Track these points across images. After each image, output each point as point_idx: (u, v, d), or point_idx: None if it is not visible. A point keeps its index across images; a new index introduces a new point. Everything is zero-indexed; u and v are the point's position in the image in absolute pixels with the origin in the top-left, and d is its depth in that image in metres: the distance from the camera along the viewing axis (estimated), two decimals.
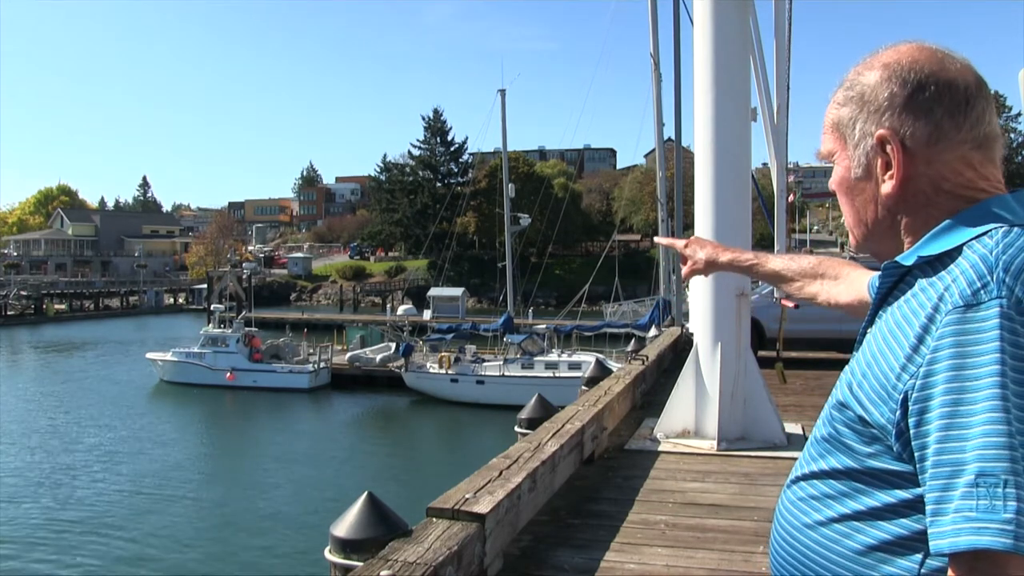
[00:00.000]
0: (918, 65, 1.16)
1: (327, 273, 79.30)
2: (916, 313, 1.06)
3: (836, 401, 1.17)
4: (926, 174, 1.15)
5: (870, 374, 1.10)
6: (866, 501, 1.11)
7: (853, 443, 1.13)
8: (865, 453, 1.11)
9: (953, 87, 1.14)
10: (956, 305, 1.01)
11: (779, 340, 8.61)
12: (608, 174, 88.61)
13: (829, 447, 1.17)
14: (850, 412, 1.13)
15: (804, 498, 1.21)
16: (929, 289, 1.07)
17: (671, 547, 3.63)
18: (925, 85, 1.14)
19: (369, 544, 2.59)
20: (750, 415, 5.66)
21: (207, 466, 21.29)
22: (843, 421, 1.15)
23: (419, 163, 78.44)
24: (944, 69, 1.15)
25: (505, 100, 34.51)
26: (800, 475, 1.24)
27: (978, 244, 1.07)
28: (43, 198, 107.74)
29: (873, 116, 1.17)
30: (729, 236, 5.73)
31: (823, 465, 1.18)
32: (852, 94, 1.21)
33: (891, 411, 1.05)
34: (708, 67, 5.65)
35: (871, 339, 1.16)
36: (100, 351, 44.13)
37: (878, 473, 1.10)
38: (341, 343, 36.56)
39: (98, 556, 14.41)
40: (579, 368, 25.14)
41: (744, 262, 1.74)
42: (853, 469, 1.13)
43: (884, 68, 1.18)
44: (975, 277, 1.02)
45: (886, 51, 1.20)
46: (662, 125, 19.61)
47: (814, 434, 1.25)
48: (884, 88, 1.17)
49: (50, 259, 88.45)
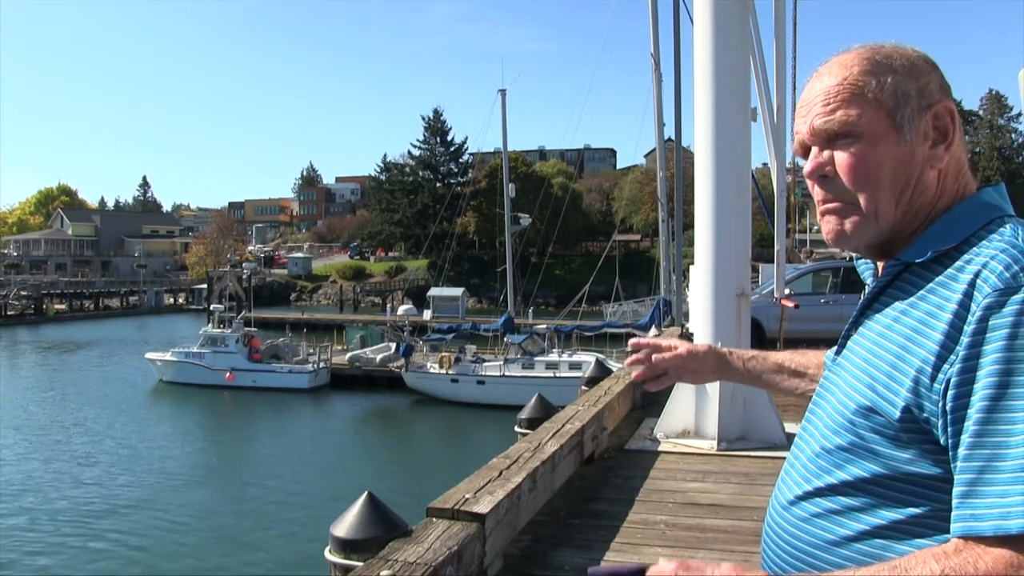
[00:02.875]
0: (927, 56, 1.20)
1: (327, 273, 79.30)
2: (944, 305, 1.04)
3: (858, 407, 1.11)
4: (955, 156, 1.17)
5: (898, 374, 1.06)
6: (900, 510, 1.06)
7: (882, 448, 1.08)
8: (898, 458, 1.06)
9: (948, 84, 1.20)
10: (996, 288, 1.00)
11: (779, 340, 8.62)
12: (608, 174, 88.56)
13: (850, 456, 1.11)
14: (879, 416, 1.08)
15: (820, 514, 1.14)
16: (952, 281, 1.06)
17: (671, 547, 3.63)
18: (941, 75, 1.18)
19: (369, 544, 2.59)
20: (750, 415, 5.66)
21: (206, 466, 21.28)
22: (870, 427, 1.09)
23: (419, 163, 78.44)
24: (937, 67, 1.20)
25: (505, 100, 34.57)
26: (807, 491, 1.16)
27: (992, 234, 1.08)
28: (43, 198, 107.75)
29: (928, 89, 1.16)
30: (729, 236, 5.74)
31: (843, 476, 1.12)
32: (895, 65, 1.16)
33: (933, 403, 1.02)
34: (708, 67, 5.65)
35: (878, 339, 1.13)
36: (100, 351, 44.12)
37: (911, 478, 1.05)
38: (341, 343, 36.55)
39: (97, 556, 14.41)
40: (579, 368, 25.14)
41: (746, 355, 1.66)
42: (882, 476, 1.08)
43: (910, 51, 1.19)
44: (1010, 261, 1.02)
45: (881, 45, 1.20)
46: (662, 125, 19.63)
47: (810, 448, 1.19)
48: (925, 67, 1.17)
49: (50, 259, 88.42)
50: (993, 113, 71.29)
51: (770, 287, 10.46)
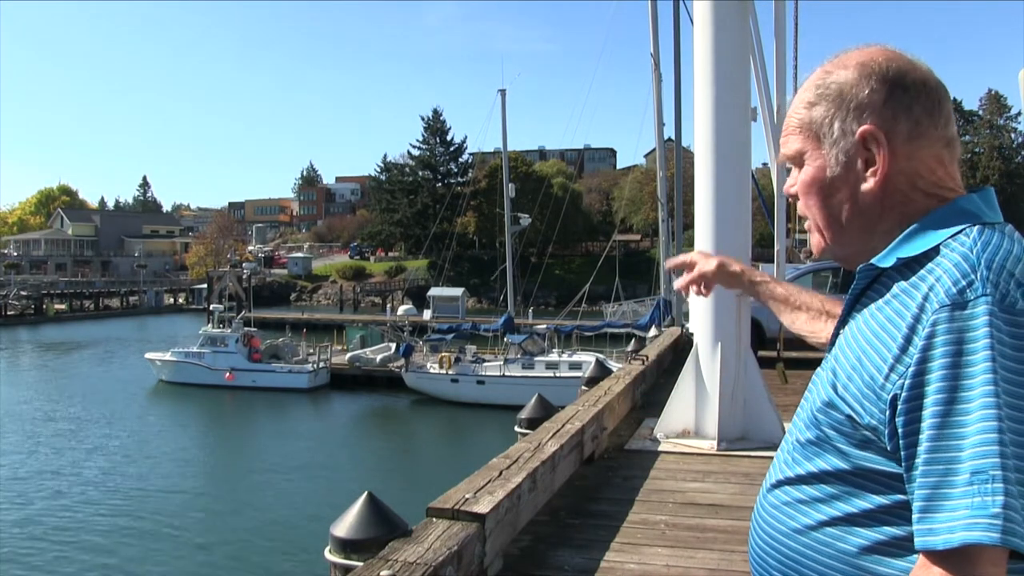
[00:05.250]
0: (894, 64, 1.17)
1: (327, 273, 79.31)
2: (900, 314, 1.06)
3: (821, 403, 1.15)
4: (904, 171, 1.16)
5: (855, 376, 1.09)
6: (859, 503, 1.10)
7: (842, 445, 1.12)
8: (857, 455, 1.10)
9: (928, 86, 1.17)
10: (943, 304, 1.01)
11: (779, 340, 8.62)
12: (608, 174, 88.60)
13: (817, 450, 1.15)
14: (836, 413, 1.12)
15: (789, 502, 1.19)
16: (912, 290, 1.07)
17: (671, 547, 3.63)
18: (904, 83, 1.16)
19: (369, 544, 2.59)
20: (750, 415, 5.66)
21: (206, 466, 21.30)
22: (830, 423, 1.13)
23: (419, 163, 78.47)
24: (916, 68, 1.18)
25: (505, 100, 34.58)
26: (781, 479, 1.21)
27: (955, 243, 1.07)
28: (43, 198, 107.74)
29: (853, 113, 1.17)
30: (729, 236, 5.74)
31: (810, 468, 1.16)
32: (827, 92, 1.19)
33: (880, 411, 1.05)
34: (708, 67, 5.65)
35: (850, 339, 1.15)
36: (100, 351, 44.14)
37: (871, 474, 1.09)
38: (341, 343, 36.56)
39: (96, 556, 14.41)
40: (579, 368, 25.14)
41: (755, 276, 1.70)
42: (844, 471, 1.11)
43: (860, 67, 1.18)
44: (959, 276, 1.02)
45: (854, 52, 1.21)
46: (662, 125, 19.64)
47: (792, 437, 1.23)
48: (864, 85, 1.16)
49: (50, 259, 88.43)
50: (993, 113, 71.32)
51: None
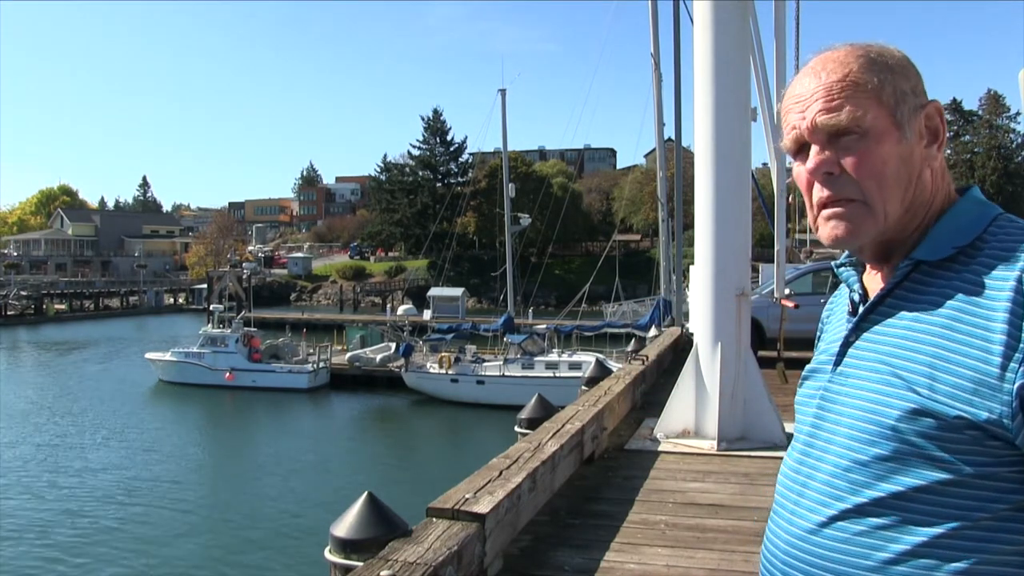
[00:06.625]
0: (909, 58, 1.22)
1: (327, 273, 79.28)
2: (988, 304, 1.03)
3: (902, 412, 1.05)
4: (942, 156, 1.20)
5: (942, 374, 1.04)
6: (974, 514, 1.02)
7: (937, 452, 1.03)
8: (965, 460, 1.02)
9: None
10: None
11: (779, 340, 8.61)
12: (608, 174, 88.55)
13: (895, 466, 1.05)
14: (930, 419, 1.03)
15: (865, 531, 1.07)
16: (990, 276, 1.06)
17: (671, 547, 3.63)
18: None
19: (369, 544, 2.59)
20: (750, 415, 5.66)
21: (206, 466, 21.28)
22: (918, 431, 1.04)
23: (419, 163, 78.44)
24: None
25: (505, 100, 34.56)
26: (847, 508, 1.09)
27: (1007, 224, 1.11)
28: (44, 198, 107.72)
29: (918, 88, 1.17)
30: (729, 236, 5.74)
31: (889, 487, 1.05)
32: (888, 64, 1.16)
33: (1002, 404, 1.00)
34: (708, 67, 5.65)
35: (907, 335, 1.09)
36: (100, 351, 44.10)
37: (982, 481, 1.02)
38: (341, 343, 36.53)
39: (96, 556, 14.40)
40: (579, 368, 25.14)
41: None
42: (952, 481, 1.03)
43: (896, 51, 1.19)
44: None
45: (870, 44, 1.19)
46: (662, 125, 19.67)
47: (846, 460, 1.11)
48: (912, 67, 1.19)
49: (50, 259, 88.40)
50: (992, 113, 71.27)
51: (770, 287, 10.46)
